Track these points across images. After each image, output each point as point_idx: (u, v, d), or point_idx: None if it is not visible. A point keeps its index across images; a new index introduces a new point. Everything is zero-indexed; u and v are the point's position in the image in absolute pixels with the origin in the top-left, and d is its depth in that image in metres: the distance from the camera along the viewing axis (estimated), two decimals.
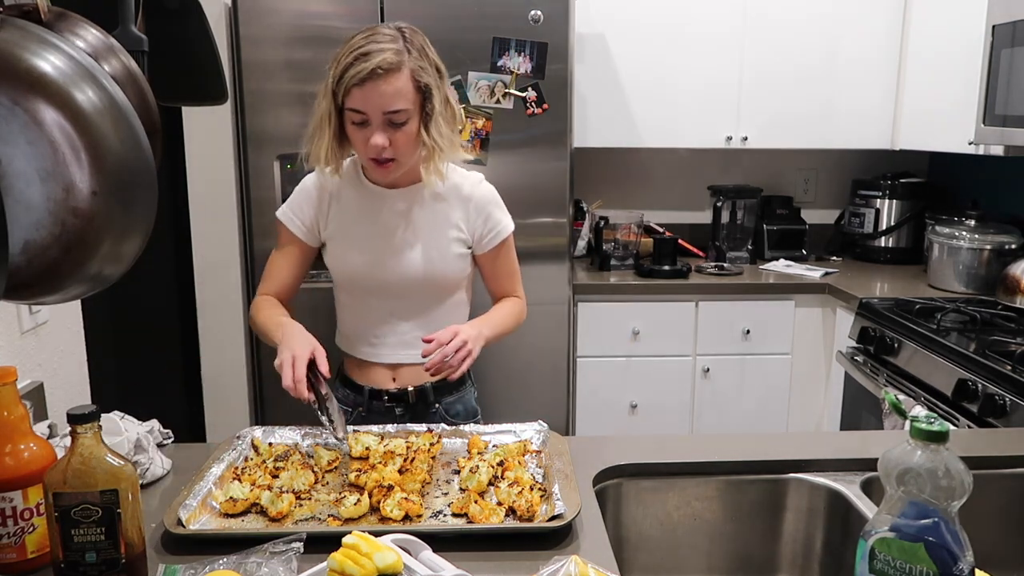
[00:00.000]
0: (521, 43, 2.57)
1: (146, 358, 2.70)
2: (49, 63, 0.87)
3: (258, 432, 1.39)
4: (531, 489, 1.15)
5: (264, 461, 1.27)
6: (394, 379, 1.66)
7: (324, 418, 1.34)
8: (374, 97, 1.44)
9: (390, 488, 1.14)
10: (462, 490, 1.21)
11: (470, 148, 1.62)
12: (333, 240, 1.64)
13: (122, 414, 1.31)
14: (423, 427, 1.40)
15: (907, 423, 0.84)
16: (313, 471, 1.24)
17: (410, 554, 0.98)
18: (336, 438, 1.34)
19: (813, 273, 3.08)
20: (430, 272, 1.61)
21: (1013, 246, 2.70)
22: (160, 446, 1.36)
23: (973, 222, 2.80)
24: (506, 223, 1.67)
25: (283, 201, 2.64)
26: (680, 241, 3.21)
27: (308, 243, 1.66)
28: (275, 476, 1.21)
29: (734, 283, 2.98)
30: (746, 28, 3.03)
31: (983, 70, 2.40)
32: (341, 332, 1.73)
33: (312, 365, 1.37)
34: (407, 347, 1.63)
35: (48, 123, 0.86)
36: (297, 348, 1.38)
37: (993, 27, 2.35)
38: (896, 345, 2.36)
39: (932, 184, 3.33)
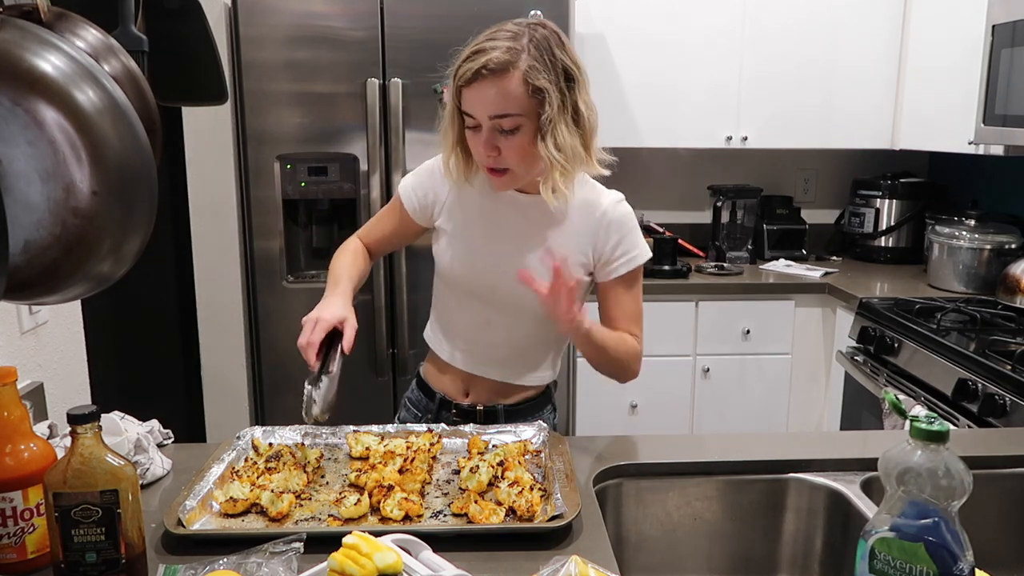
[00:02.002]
0: None
1: (146, 358, 2.70)
2: (49, 63, 0.87)
3: (258, 432, 1.38)
4: (531, 489, 1.14)
5: (255, 463, 1.26)
6: (467, 393, 1.57)
7: (308, 388, 1.27)
8: (480, 100, 1.32)
9: (390, 488, 1.14)
10: (462, 490, 1.21)
11: (609, 162, 1.44)
12: (444, 230, 1.52)
13: (122, 414, 1.31)
14: (423, 427, 1.40)
15: (907, 423, 0.84)
16: (305, 471, 1.23)
17: (410, 554, 0.98)
18: (304, 413, 1.27)
19: (813, 273, 3.08)
20: (533, 296, 1.41)
21: (1013, 246, 2.70)
22: (160, 446, 1.36)
23: (973, 222, 2.80)
24: (641, 250, 1.47)
25: (283, 201, 2.67)
26: (680, 241, 3.21)
27: (416, 220, 1.55)
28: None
29: (734, 283, 2.99)
30: (746, 28, 3.04)
31: (983, 70, 2.40)
32: (431, 327, 1.63)
33: (336, 339, 1.32)
34: (491, 363, 1.53)
35: (48, 123, 0.86)
36: (326, 312, 1.33)
37: (993, 27, 2.35)
38: (896, 345, 2.36)
39: (932, 184, 3.33)
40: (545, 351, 1.56)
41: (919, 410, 2.09)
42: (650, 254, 1.51)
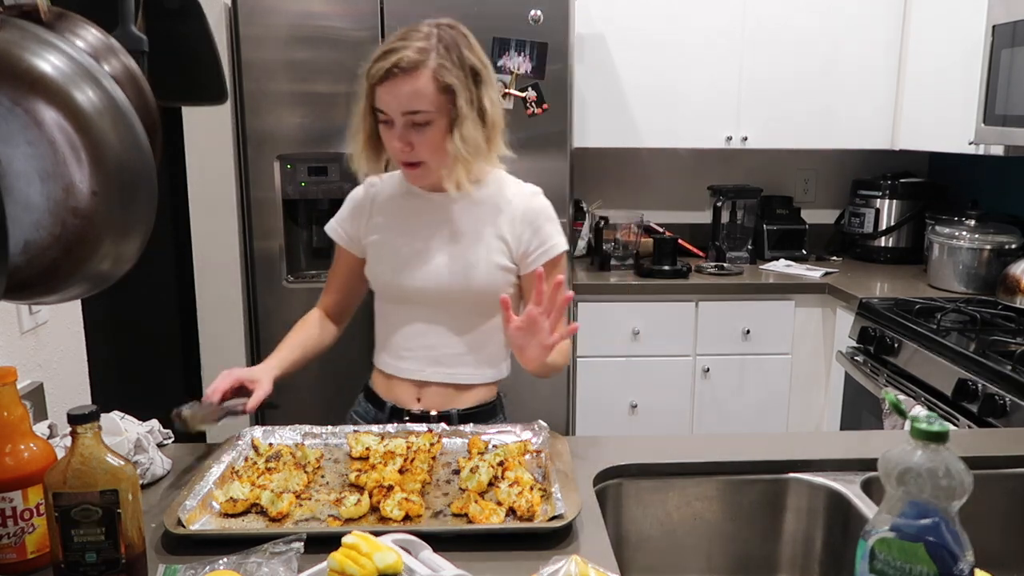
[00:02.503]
0: (521, 43, 2.57)
1: (146, 358, 2.70)
2: (49, 63, 0.87)
3: (258, 432, 1.38)
4: (531, 489, 1.14)
5: (255, 463, 1.26)
6: (419, 399, 1.57)
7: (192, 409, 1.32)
8: (393, 96, 1.39)
9: (390, 488, 1.14)
10: (462, 490, 1.21)
11: (510, 156, 1.51)
12: (372, 246, 1.57)
13: (122, 414, 1.31)
14: (423, 427, 1.40)
15: (907, 423, 0.84)
16: (305, 471, 1.23)
17: (410, 554, 0.98)
18: (176, 412, 1.31)
19: (813, 273, 3.08)
20: (466, 281, 1.50)
21: (1013, 246, 2.70)
22: (160, 446, 1.36)
23: (973, 222, 2.80)
24: (558, 241, 1.53)
25: (283, 201, 2.67)
26: (680, 241, 3.21)
27: (354, 253, 1.60)
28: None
29: (734, 283, 2.99)
30: (746, 28, 3.03)
31: (983, 70, 2.40)
32: (377, 349, 1.65)
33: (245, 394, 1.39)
34: (436, 364, 1.55)
35: (48, 123, 0.86)
36: (240, 369, 1.42)
37: (993, 27, 2.35)
38: (896, 345, 2.36)
39: (932, 184, 3.33)
40: (489, 342, 1.57)
41: (919, 410, 2.09)
42: (567, 245, 1.56)
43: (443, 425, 1.42)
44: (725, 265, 3.16)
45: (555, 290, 1.28)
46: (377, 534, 0.98)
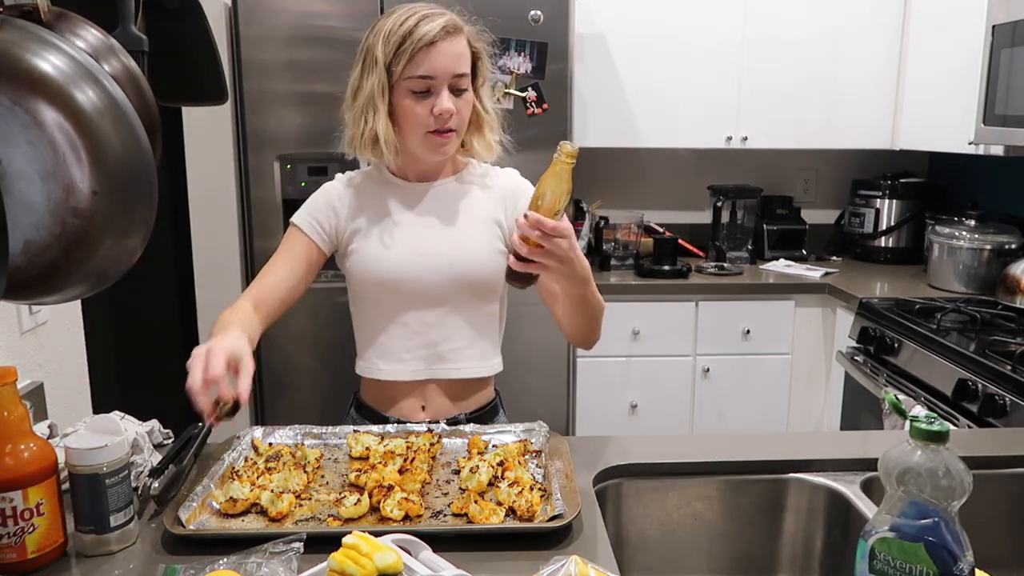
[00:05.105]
0: (521, 43, 2.57)
1: (146, 358, 2.70)
2: (49, 63, 0.88)
3: (258, 432, 1.38)
4: (531, 489, 1.14)
5: (255, 463, 1.26)
6: (423, 407, 1.52)
7: (149, 481, 1.13)
8: (443, 59, 1.35)
9: (390, 488, 1.14)
10: (462, 490, 1.21)
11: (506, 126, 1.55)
12: (362, 245, 1.48)
13: (122, 414, 1.31)
14: (423, 427, 1.40)
15: (907, 423, 0.84)
16: (305, 471, 1.23)
17: (410, 554, 0.98)
18: (148, 491, 1.13)
19: (813, 273, 3.08)
20: (475, 271, 1.47)
21: (1013, 246, 2.70)
22: (160, 446, 1.36)
23: (973, 222, 2.80)
24: None
25: (283, 201, 2.67)
26: (680, 241, 3.21)
27: (323, 248, 1.49)
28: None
29: (734, 283, 2.99)
30: (747, 27, 3.04)
31: (983, 70, 2.40)
32: (365, 359, 1.55)
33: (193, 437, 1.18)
34: (440, 360, 1.50)
35: (48, 123, 0.86)
36: (216, 346, 1.16)
37: (993, 27, 2.35)
38: (896, 345, 2.36)
39: (932, 184, 3.34)
40: (487, 331, 1.55)
41: (919, 410, 2.09)
42: None
43: (443, 425, 1.41)
44: (725, 265, 3.16)
45: None
46: (377, 534, 0.98)
